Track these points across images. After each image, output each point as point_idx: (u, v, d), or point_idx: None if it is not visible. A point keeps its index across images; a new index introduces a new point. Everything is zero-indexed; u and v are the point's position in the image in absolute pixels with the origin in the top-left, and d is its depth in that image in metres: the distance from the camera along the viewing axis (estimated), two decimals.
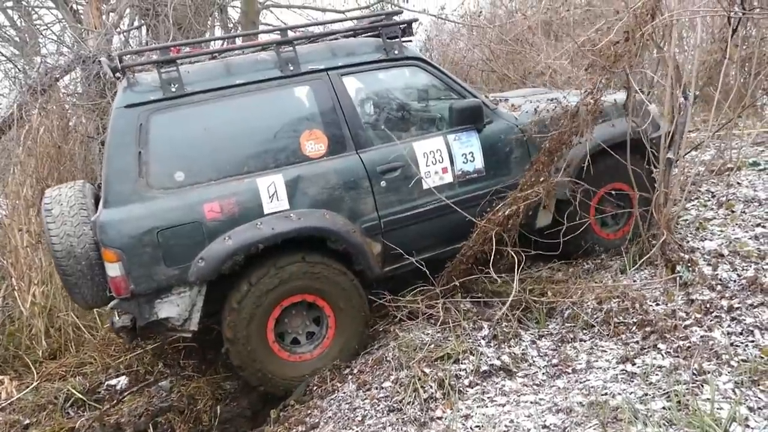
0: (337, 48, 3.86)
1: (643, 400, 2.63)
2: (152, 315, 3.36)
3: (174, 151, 3.44)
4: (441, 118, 4.01)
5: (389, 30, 3.92)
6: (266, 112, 3.64)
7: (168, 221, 3.28)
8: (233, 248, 3.34)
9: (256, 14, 8.68)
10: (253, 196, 3.43)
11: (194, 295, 3.39)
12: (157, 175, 3.34)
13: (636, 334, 3.26)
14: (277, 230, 3.42)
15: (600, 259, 4.31)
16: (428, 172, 3.82)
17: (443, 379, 3.10)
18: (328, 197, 3.58)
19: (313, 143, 3.63)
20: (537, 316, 3.66)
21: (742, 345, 2.93)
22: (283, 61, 3.65)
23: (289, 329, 3.69)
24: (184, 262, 3.32)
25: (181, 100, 3.44)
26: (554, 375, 3.12)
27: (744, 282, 3.40)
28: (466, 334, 3.52)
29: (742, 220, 4.24)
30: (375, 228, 3.71)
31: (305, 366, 3.63)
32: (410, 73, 4.03)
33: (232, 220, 3.38)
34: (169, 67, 3.44)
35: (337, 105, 3.69)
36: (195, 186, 3.39)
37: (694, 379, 2.70)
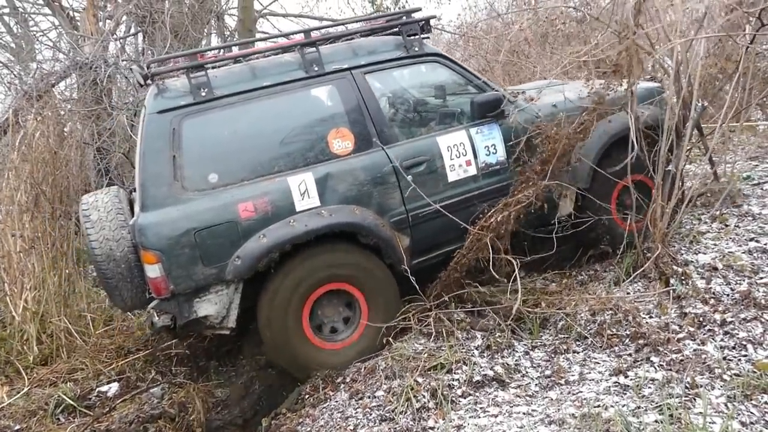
0: (359, 47, 3.96)
1: (636, 413, 2.62)
2: (192, 314, 3.45)
3: (207, 154, 3.54)
4: (462, 112, 4.09)
5: (409, 27, 4.01)
6: (293, 112, 3.75)
7: (204, 222, 3.37)
8: (269, 246, 3.43)
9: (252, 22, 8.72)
10: (284, 194, 3.52)
11: (231, 293, 3.47)
12: (192, 177, 3.44)
13: (629, 347, 3.26)
14: (310, 227, 3.50)
15: (594, 270, 4.32)
16: (453, 165, 3.90)
17: (436, 389, 3.09)
18: (357, 193, 3.67)
19: (340, 141, 3.72)
20: (530, 326, 3.66)
21: (734, 359, 2.93)
22: (307, 62, 3.74)
23: (325, 320, 3.77)
24: (221, 261, 3.41)
25: (211, 104, 3.54)
26: (547, 386, 3.11)
27: (737, 296, 3.40)
28: (460, 344, 3.51)
29: (735, 234, 4.24)
30: (403, 222, 3.80)
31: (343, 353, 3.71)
32: (431, 69, 4.14)
33: (266, 219, 3.46)
34: (198, 73, 3.52)
35: (362, 103, 3.79)
36: (228, 187, 3.48)
37: (686, 393, 2.70)
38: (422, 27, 4.07)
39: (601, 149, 4.11)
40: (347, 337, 3.75)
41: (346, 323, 3.80)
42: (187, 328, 3.54)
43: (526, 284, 4.10)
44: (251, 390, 3.97)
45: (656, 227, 3.89)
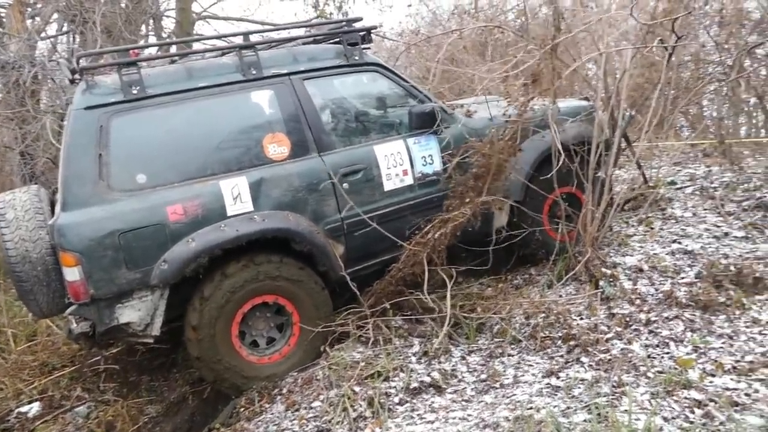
0: (299, 53, 3.95)
1: (566, 413, 2.68)
2: (113, 320, 3.32)
3: (136, 153, 3.43)
4: (401, 122, 4.13)
5: (350, 36, 4.02)
6: (229, 115, 3.68)
7: (130, 223, 3.27)
8: (197, 250, 3.34)
9: (190, 25, 8.54)
10: (216, 198, 3.45)
11: (156, 299, 3.36)
12: (119, 177, 3.33)
13: (561, 348, 3.34)
14: (241, 232, 3.43)
15: (528, 274, 4.42)
16: (389, 174, 3.90)
17: (373, 398, 3.08)
18: (292, 199, 3.63)
19: (276, 146, 3.68)
20: (467, 331, 3.70)
21: (658, 357, 3.05)
22: (245, 65, 3.69)
23: (254, 332, 3.68)
24: (146, 264, 3.30)
25: (142, 102, 3.44)
26: (482, 390, 3.14)
27: (661, 296, 3.55)
28: (397, 351, 3.52)
29: (660, 236, 4.43)
30: (338, 229, 3.76)
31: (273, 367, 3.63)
32: (370, 79, 4.17)
33: (196, 223, 3.38)
34: (130, 70, 3.43)
35: (300, 109, 3.76)
36: (157, 188, 3.38)
37: (613, 391, 2.78)
38: (363, 37, 4.10)
39: (534, 163, 4.22)
40: (278, 350, 3.67)
41: (278, 336, 3.72)
42: (107, 335, 3.39)
43: (463, 289, 4.16)
44: (184, 405, 3.84)
45: (587, 232, 4.02)
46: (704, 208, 4.87)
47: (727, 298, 3.35)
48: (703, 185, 5.37)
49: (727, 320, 3.21)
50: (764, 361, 2.82)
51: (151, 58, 3.83)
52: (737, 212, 4.67)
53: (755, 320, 3.17)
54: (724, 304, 3.33)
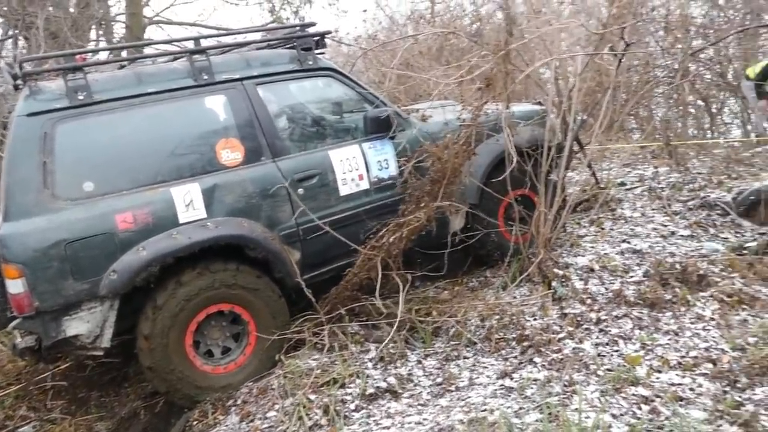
0: (252, 58, 3.90)
1: (519, 414, 2.71)
2: (60, 333, 3.20)
3: (82, 161, 3.34)
4: (356, 127, 4.12)
5: (303, 42, 4.00)
6: (180, 121, 3.63)
7: (77, 233, 3.17)
8: (148, 259, 3.27)
9: (141, 30, 8.36)
10: (167, 205, 3.38)
11: (106, 310, 3.27)
12: (64, 185, 3.23)
13: (515, 349, 3.38)
14: (193, 239, 3.36)
15: (484, 277, 4.46)
16: (345, 179, 3.88)
17: (328, 405, 3.05)
18: (246, 205, 3.57)
19: (229, 152, 3.63)
20: (423, 335, 3.71)
21: (608, 355, 3.12)
22: (196, 71, 3.63)
23: (209, 341, 3.60)
24: (94, 275, 3.20)
25: (89, 108, 3.35)
26: (438, 394, 3.15)
27: (610, 295, 3.63)
28: (354, 357, 3.49)
29: (610, 236, 4.54)
30: (293, 235, 3.72)
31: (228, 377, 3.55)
32: (325, 84, 4.14)
33: (147, 231, 3.30)
34: (75, 75, 3.34)
35: (253, 114, 3.72)
36: (106, 196, 3.30)
37: (564, 391, 2.83)
38: (317, 42, 4.08)
39: (488, 167, 4.26)
40: (234, 360, 3.59)
41: (233, 346, 3.64)
42: (54, 349, 3.28)
43: (419, 294, 4.17)
44: (136, 420, 3.71)
45: (540, 233, 4.09)
46: (652, 208, 5.02)
47: (673, 296, 3.46)
48: (651, 186, 5.54)
49: (673, 317, 3.31)
50: (707, 356, 2.92)
51: (98, 63, 3.73)
52: (683, 212, 4.82)
53: (699, 316, 3.28)
54: (670, 302, 3.43)
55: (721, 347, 2.98)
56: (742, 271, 3.62)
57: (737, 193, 4.70)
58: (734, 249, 4.01)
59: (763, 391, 2.59)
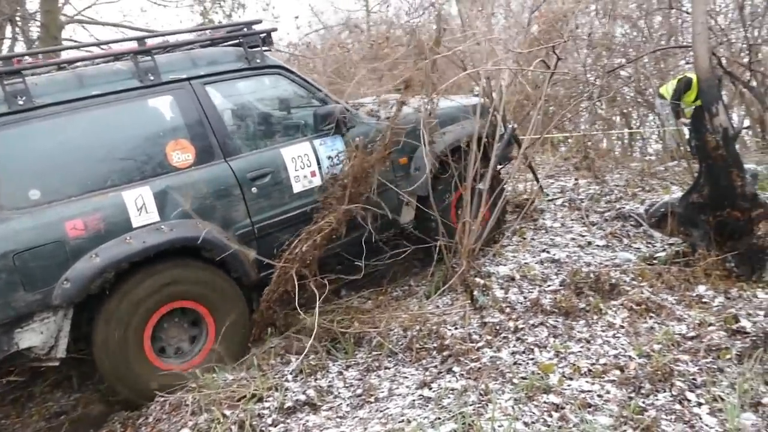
0: (198, 57, 3.84)
1: (434, 425, 2.71)
2: (12, 346, 3.12)
3: (26, 168, 3.25)
4: (306, 123, 4.11)
5: (250, 39, 3.96)
6: (127, 123, 3.57)
7: (25, 243, 3.08)
8: (102, 265, 3.21)
9: (58, 29, 7.98)
10: (119, 210, 3.33)
11: (60, 319, 3.20)
12: (8, 194, 3.15)
13: (436, 359, 3.39)
14: (148, 243, 3.33)
15: (408, 286, 4.48)
16: (297, 177, 3.88)
17: (244, 420, 2.96)
18: (200, 206, 3.54)
19: (180, 153, 3.58)
20: (345, 346, 3.67)
21: (523, 363, 3.17)
22: (141, 71, 3.56)
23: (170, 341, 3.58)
24: (46, 285, 3.13)
25: (30, 113, 3.25)
26: (357, 405, 3.11)
27: (528, 303, 3.71)
28: (273, 369, 3.42)
29: (531, 246, 4.67)
30: (249, 234, 3.72)
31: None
32: (273, 82, 4.12)
33: (98, 237, 3.24)
34: (13, 79, 3.22)
35: (202, 114, 3.68)
36: (53, 204, 3.21)
37: (480, 400, 2.85)
38: (263, 39, 4.06)
39: (438, 159, 4.33)
40: (195, 356, 3.56)
41: (193, 342, 3.63)
42: (6, 363, 3.22)
43: (342, 303, 4.14)
44: None
45: (463, 244, 4.14)
46: (571, 219, 5.20)
47: (586, 304, 3.57)
48: (571, 197, 5.74)
49: (586, 325, 3.42)
50: (616, 363, 3.02)
51: (36, 66, 3.56)
52: (600, 222, 5.03)
53: (610, 324, 3.40)
54: (584, 310, 3.54)
55: (629, 354, 3.09)
56: (651, 280, 3.79)
57: (649, 205, 4.93)
58: (645, 259, 4.20)
59: (664, 396, 2.70)
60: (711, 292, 3.65)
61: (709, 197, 3.94)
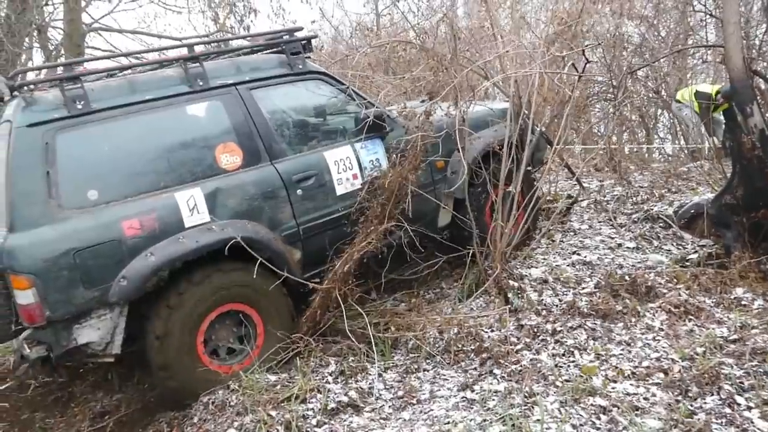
0: (243, 64, 3.96)
1: (482, 426, 2.74)
2: (71, 342, 3.22)
3: (85, 170, 3.36)
4: (348, 127, 4.21)
5: (292, 46, 4.08)
6: (178, 127, 3.67)
7: (85, 241, 3.18)
8: (157, 264, 3.30)
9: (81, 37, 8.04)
10: (172, 210, 3.42)
11: (116, 316, 3.30)
12: (69, 194, 3.24)
13: (474, 361, 3.42)
14: (201, 242, 3.41)
15: (440, 288, 4.51)
16: (340, 179, 3.97)
17: (290, 421, 2.99)
18: (248, 207, 3.65)
19: (229, 156, 3.69)
20: (383, 348, 3.71)
21: (565, 365, 3.20)
22: (191, 77, 3.68)
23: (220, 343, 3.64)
24: (104, 282, 3.22)
25: (88, 117, 3.37)
26: (400, 407, 3.15)
27: (564, 306, 3.74)
28: (313, 371, 3.46)
29: (561, 248, 4.69)
30: (294, 235, 3.80)
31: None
32: (315, 87, 4.17)
33: (153, 236, 3.34)
34: (73, 84, 3.35)
35: (249, 118, 3.79)
36: (111, 204, 3.32)
37: (525, 402, 2.88)
38: (304, 46, 4.14)
39: (473, 162, 4.39)
40: (244, 358, 3.63)
41: (242, 344, 3.69)
42: (65, 358, 3.28)
43: (377, 306, 4.17)
44: None
45: (496, 247, 4.16)
46: (599, 221, 5.22)
47: (624, 307, 3.59)
48: (597, 199, 5.75)
49: (625, 327, 3.44)
50: (659, 366, 3.04)
51: (93, 72, 3.67)
52: (628, 224, 5.03)
53: (649, 327, 3.42)
54: (621, 313, 3.56)
55: (672, 357, 3.11)
56: (687, 283, 3.80)
57: (678, 206, 4.94)
58: (677, 261, 4.21)
59: (713, 400, 2.71)
60: (749, 294, 3.66)
61: (743, 198, 3.95)
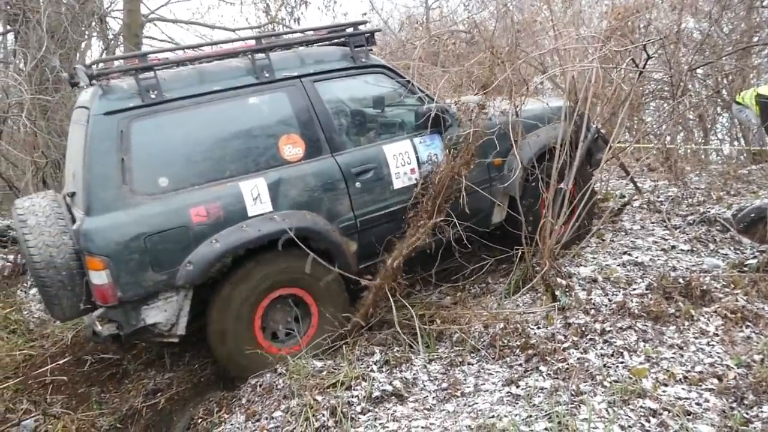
0: (306, 56, 4.01)
1: (528, 422, 2.73)
2: (139, 322, 3.38)
3: (157, 158, 3.48)
4: (407, 121, 4.23)
5: (356, 39, 4.11)
6: (245, 117, 3.75)
7: (155, 227, 3.31)
8: (222, 250, 3.42)
9: (139, 27, 8.30)
10: (237, 199, 3.52)
11: (181, 299, 3.43)
12: (141, 181, 3.37)
13: (520, 357, 3.41)
14: (263, 231, 3.52)
15: (486, 283, 4.49)
16: (398, 173, 4.00)
17: (335, 407, 3.05)
18: (308, 199, 3.72)
19: (291, 147, 3.76)
20: (427, 340, 3.73)
21: (613, 366, 3.15)
22: (258, 69, 3.75)
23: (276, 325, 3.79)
24: (171, 266, 3.36)
25: (160, 106, 3.47)
26: (444, 399, 3.16)
27: (614, 306, 3.67)
28: (358, 359, 3.51)
29: (611, 248, 4.60)
30: (351, 227, 3.87)
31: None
32: (376, 80, 4.20)
33: (218, 224, 3.45)
34: (147, 74, 3.45)
35: (312, 110, 3.85)
36: (179, 191, 3.43)
37: (572, 400, 2.85)
38: (368, 39, 4.17)
39: (530, 161, 4.36)
40: (298, 341, 3.76)
41: (297, 327, 3.81)
42: (133, 336, 3.46)
43: (422, 299, 4.19)
44: (138, 417, 3.70)
45: (545, 244, 4.12)
46: (651, 222, 5.09)
47: (676, 310, 3.50)
48: (650, 199, 5.60)
49: (677, 331, 3.35)
50: (713, 372, 2.96)
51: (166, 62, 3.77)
52: (683, 226, 4.89)
53: (703, 331, 3.32)
54: (674, 316, 3.47)
55: (726, 363, 3.02)
56: (745, 288, 3.67)
57: (737, 209, 4.77)
58: (735, 266, 4.07)
59: None
60: None
61: None
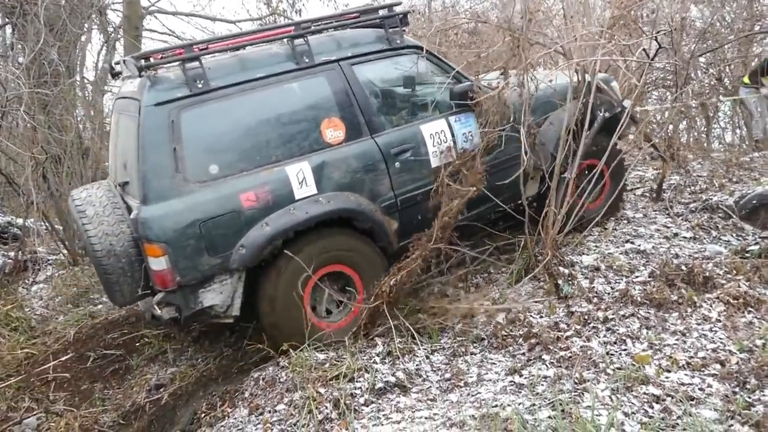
0: (342, 39, 4.05)
1: (531, 410, 2.73)
2: (197, 304, 3.49)
3: (206, 146, 3.55)
4: (442, 101, 4.26)
5: (390, 21, 4.14)
6: (287, 103, 3.79)
7: (208, 213, 3.41)
8: (272, 233, 3.52)
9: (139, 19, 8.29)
10: (284, 183, 3.61)
11: (235, 281, 3.55)
12: (194, 169, 3.45)
13: (522, 346, 3.40)
14: (310, 214, 3.62)
15: (488, 273, 4.47)
16: (435, 152, 4.06)
17: (338, 399, 3.05)
18: (351, 180, 3.80)
19: (333, 130, 3.83)
20: (430, 331, 3.72)
21: (616, 353, 3.14)
22: (298, 54, 3.81)
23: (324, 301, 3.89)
24: (225, 250, 3.47)
25: (207, 95, 3.54)
26: (447, 389, 3.16)
27: (617, 294, 3.66)
28: (360, 351, 3.51)
29: (613, 236, 4.58)
30: (392, 206, 3.96)
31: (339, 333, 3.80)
32: (411, 61, 4.21)
33: (267, 208, 3.55)
34: (193, 64, 3.50)
35: (351, 93, 3.90)
36: (229, 178, 3.52)
37: (575, 388, 2.85)
38: (401, 20, 4.20)
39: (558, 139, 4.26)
40: (344, 317, 3.86)
41: (342, 304, 3.92)
42: (192, 319, 3.59)
43: (425, 289, 4.18)
44: (141, 413, 3.70)
45: (548, 234, 4.09)
46: (654, 210, 5.06)
47: (679, 297, 3.48)
48: (652, 187, 5.58)
49: (680, 318, 3.34)
50: (715, 357, 2.95)
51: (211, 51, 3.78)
52: (685, 214, 4.87)
53: (706, 318, 3.31)
54: (676, 302, 3.46)
55: (729, 348, 3.01)
56: (747, 274, 3.66)
57: (740, 196, 4.75)
58: (737, 252, 4.06)
59: None
60: None
61: None
